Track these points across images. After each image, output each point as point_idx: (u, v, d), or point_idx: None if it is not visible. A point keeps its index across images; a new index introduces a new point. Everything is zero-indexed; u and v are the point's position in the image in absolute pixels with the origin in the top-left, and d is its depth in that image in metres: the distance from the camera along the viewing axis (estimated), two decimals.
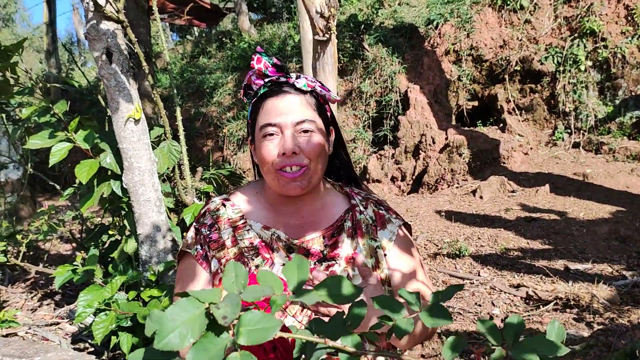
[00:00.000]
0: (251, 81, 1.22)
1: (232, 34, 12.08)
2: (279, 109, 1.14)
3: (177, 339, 0.40)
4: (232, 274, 0.48)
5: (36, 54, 24.91)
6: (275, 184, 1.17)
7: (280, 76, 1.18)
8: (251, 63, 1.18)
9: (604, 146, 6.29)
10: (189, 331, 0.40)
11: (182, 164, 2.79)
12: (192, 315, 0.42)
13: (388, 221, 1.26)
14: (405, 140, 6.95)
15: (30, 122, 2.78)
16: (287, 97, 1.15)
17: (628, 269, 3.28)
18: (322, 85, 1.22)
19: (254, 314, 0.43)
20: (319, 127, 1.17)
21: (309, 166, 1.14)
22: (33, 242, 3.66)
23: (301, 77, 1.18)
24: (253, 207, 1.26)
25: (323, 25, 3.51)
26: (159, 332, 0.40)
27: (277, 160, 1.13)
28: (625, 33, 6.62)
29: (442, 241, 4.10)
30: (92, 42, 2.01)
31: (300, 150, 1.13)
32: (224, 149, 8.61)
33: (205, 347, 0.41)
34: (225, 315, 0.41)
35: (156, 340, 0.40)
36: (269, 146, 1.14)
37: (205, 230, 1.23)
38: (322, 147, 1.17)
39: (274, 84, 1.18)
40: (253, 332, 0.42)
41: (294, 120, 1.14)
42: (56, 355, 2.05)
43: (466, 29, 7.39)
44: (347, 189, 1.33)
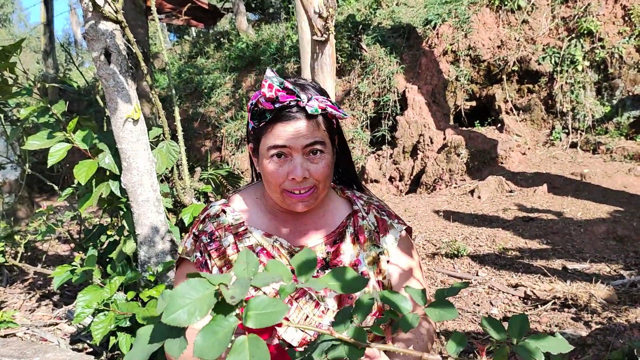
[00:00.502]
0: (260, 102, 1.14)
1: (229, 34, 12.08)
2: (289, 133, 1.11)
3: (185, 315, 0.41)
4: (244, 262, 0.49)
5: (33, 54, 24.86)
6: (281, 201, 1.16)
7: (291, 100, 1.11)
8: (262, 91, 1.11)
9: (602, 146, 6.31)
10: (197, 309, 0.41)
11: (181, 164, 2.79)
12: (202, 294, 0.42)
13: (390, 227, 1.26)
14: (403, 140, 6.95)
15: (28, 122, 2.77)
16: (297, 123, 1.11)
17: (626, 269, 3.29)
18: (332, 103, 1.17)
19: (262, 299, 0.43)
20: (328, 146, 1.16)
21: (318, 186, 1.14)
22: (31, 243, 3.66)
23: (312, 99, 1.13)
24: (253, 213, 1.25)
25: (321, 25, 3.52)
26: (168, 307, 0.41)
27: (286, 184, 1.12)
28: (623, 33, 6.63)
29: (440, 241, 4.11)
30: (90, 43, 2.01)
31: (310, 175, 1.12)
32: (222, 149, 8.61)
33: (214, 330, 0.42)
34: (234, 295, 0.41)
35: (164, 315, 0.40)
36: (277, 169, 1.12)
37: (206, 238, 1.22)
38: (329, 168, 1.16)
39: (284, 108, 1.12)
40: (261, 315, 0.43)
41: (303, 143, 1.11)
42: (55, 356, 2.05)
43: (464, 29, 7.40)
44: (348, 193, 1.32)
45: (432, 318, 0.52)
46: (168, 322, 0.41)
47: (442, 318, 0.52)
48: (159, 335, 0.44)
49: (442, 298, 0.54)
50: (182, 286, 0.43)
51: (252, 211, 1.25)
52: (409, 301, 0.55)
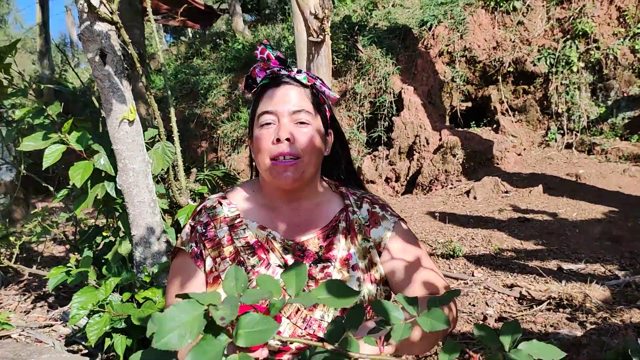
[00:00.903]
0: (255, 74, 1.25)
1: (226, 35, 12.07)
2: (277, 97, 1.17)
3: (176, 339, 0.41)
4: (233, 278, 0.49)
5: (29, 55, 24.80)
6: (269, 175, 1.17)
7: (282, 68, 1.21)
8: (255, 52, 1.22)
9: (597, 147, 6.33)
10: (188, 332, 0.41)
11: (177, 165, 2.79)
12: (191, 316, 0.42)
13: (382, 218, 1.26)
14: (400, 141, 6.96)
15: (23, 123, 2.77)
16: (286, 87, 1.18)
17: (620, 269, 3.30)
18: (323, 82, 1.24)
19: (252, 316, 0.43)
20: (315, 123, 1.19)
21: (303, 158, 1.15)
22: (26, 244, 3.65)
23: (302, 72, 1.21)
24: (250, 206, 1.26)
25: (317, 26, 3.53)
26: (158, 331, 0.41)
27: (272, 148, 1.14)
28: (617, 34, 6.66)
29: (436, 241, 4.12)
30: (86, 44, 2.01)
31: (294, 140, 1.14)
32: (218, 150, 8.60)
33: (205, 350, 0.41)
34: (224, 316, 0.41)
35: (155, 340, 0.40)
36: (264, 134, 1.16)
37: (201, 228, 1.22)
38: (316, 142, 1.17)
39: (275, 74, 1.21)
40: (252, 334, 0.43)
41: (290, 109, 1.16)
42: (50, 357, 2.04)
43: (459, 30, 7.42)
44: (342, 188, 1.32)
45: (424, 328, 0.53)
46: (159, 347, 0.41)
47: (435, 328, 0.52)
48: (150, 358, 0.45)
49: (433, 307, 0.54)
50: (171, 309, 0.43)
51: (248, 204, 1.27)
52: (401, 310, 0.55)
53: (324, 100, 1.25)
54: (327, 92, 1.24)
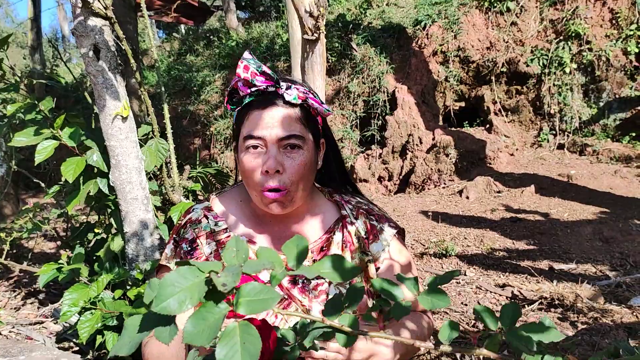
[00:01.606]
0: (237, 86, 1.10)
1: (219, 32, 12.03)
2: (264, 121, 1.06)
3: (175, 303, 0.40)
4: (234, 249, 0.49)
5: (20, 50, 24.59)
6: (259, 201, 1.11)
7: (269, 85, 1.07)
8: (237, 71, 1.07)
9: (588, 148, 6.38)
10: (188, 297, 0.41)
11: (170, 162, 2.78)
12: (192, 282, 0.42)
13: (380, 231, 1.21)
14: (393, 140, 6.97)
15: (15, 119, 2.74)
16: (274, 110, 1.06)
17: (611, 269, 3.32)
18: (315, 96, 1.12)
19: (253, 286, 0.43)
20: (307, 143, 1.09)
21: (290, 188, 1.07)
22: (17, 241, 3.61)
23: (292, 88, 1.08)
24: (237, 218, 1.20)
25: (312, 24, 3.51)
26: (158, 295, 0.40)
27: (261, 180, 1.06)
28: (610, 36, 6.71)
29: (428, 241, 4.13)
30: (79, 39, 1.99)
31: (283, 170, 1.06)
32: (211, 148, 8.58)
33: (204, 317, 0.41)
34: (225, 283, 0.41)
35: (154, 304, 0.40)
36: (252, 161, 1.07)
37: (186, 246, 1.17)
38: (307, 167, 1.09)
39: (261, 93, 1.08)
40: (252, 302, 0.43)
41: (279, 135, 1.05)
42: (40, 355, 2.03)
43: (453, 30, 7.43)
44: (336, 196, 1.27)
45: (424, 306, 0.53)
46: (158, 311, 0.40)
47: (435, 306, 0.52)
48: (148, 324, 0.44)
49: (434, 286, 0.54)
50: (172, 274, 0.43)
51: (235, 216, 1.20)
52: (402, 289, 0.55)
53: (315, 111, 1.13)
54: (320, 108, 1.12)
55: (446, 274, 0.59)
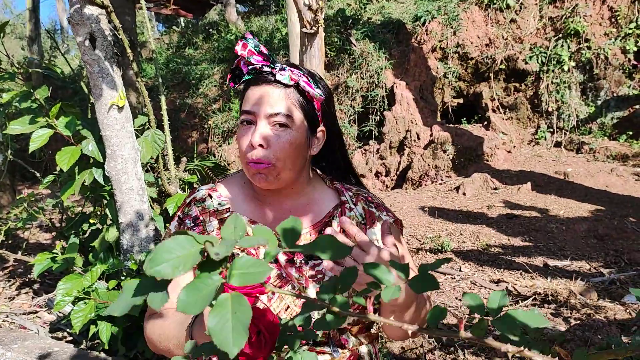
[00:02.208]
0: (240, 65, 1.17)
1: (219, 25, 11.99)
2: (256, 97, 1.11)
3: (169, 268, 0.42)
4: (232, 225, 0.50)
5: (18, 41, 24.48)
6: (246, 172, 1.15)
7: (265, 65, 1.13)
8: (235, 48, 1.13)
9: (585, 146, 6.39)
10: (182, 264, 0.42)
11: (166, 154, 2.77)
12: (187, 251, 0.43)
13: (378, 219, 1.24)
14: (390, 135, 6.97)
15: (11, 107, 2.73)
16: (266, 87, 1.11)
17: (605, 267, 3.33)
18: (309, 81, 1.15)
19: (247, 259, 0.44)
20: (296, 124, 1.12)
21: (276, 164, 1.11)
22: (12, 230, 3.61)
23: (286, 69, 1.13)
24: (239, 199, 1.24)
25: (311, 18, 3.51)
26: (153, 259, 0.42)
27: (246, 151, 1.11)
28: (609, 34, 6.71)
29: (424, 236, 4.13)
30: (75, 27, 1.98)
31: (268, 145, 1.10)
32: (209, 141, 8.56)
33: (198, 287, 0.43)
34: (218, 252, 0.42)
35: (149, 266, 0.41)
36: (242, 135, 1.13)
37: (190, 222, 1.20)
38: (292, 146, 1.12)
39: (256, 71, 1.14)
40: (245, 274, 0.44)
41: (267, 111, 1.10)
42: (34, 344, 2.03)
43: (453, 26, 7.43)
44: (337, 184, 1.30)
45: (414, 290, 0.53)
46: (152, 274, 0.42)
47: (424, 290, 0.52)
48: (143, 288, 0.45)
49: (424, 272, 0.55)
50: (168, 242, 0.44)
51: (238, 197, 1.24)
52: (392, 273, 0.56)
53: (312, 97, 1.16)
54: (312, 92, 1.15)
55: (437, 261, 0.60)
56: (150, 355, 2.26)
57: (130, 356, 2.27)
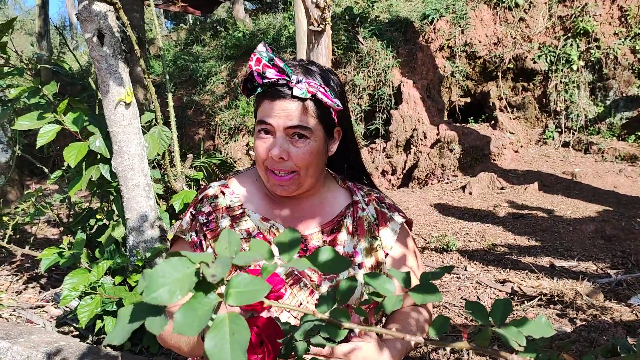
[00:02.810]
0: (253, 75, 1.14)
1: (226, 22, 12.00)
2: (273, 111, 1.11)
3: (166, 294, 0.41)
4: (226, 241, 0.49)
5: (27, 37, 24.61)
6: (266, 181, 1.16)
7: (280, 78, 1.10)
8: (249, 63, 1.12)
9: (593, 146, 6.34)
10: (178, 288, 0.41)
11: (173, 150, 2.78)
12: (182, 273, 0.43)
13: (390, 219, 1.25)
14: (397, 134, 6.96)
15: (19, 103, 2.75)
16: (283, 102, 1.10)
17: (612, 268, 3.31)
18: (326, 91, 1.13)
19: (243, 277, 0.44)
20: (315, 134, 1.13)
21: (299, 172, 1.12)
22: (20, 225, 3.64)
23: (302, 82, 1.10)
24: (251, 196, 1.24)
25: (318, 15, 3.50)
26: (149, 286, 0.41)
27: (268, 161, 1.12)
28: (618, 34, 6.66)
29: (430, 235, 4.12)
30: (84, 23, 1.99)
31: (289, 157, 1.10)
32: (215, 138, 8.58)
33: (194, 307, 0.42)
34: (215, 274, 0.41)
35: (145, 294, 0.40)
36: (262, 145, 1.12)
37: (203, 218, 1.20)
38: (313, 155, 1.13)
39: (271, 85, 1.11)
40: (242, 293, 0.43)
41: (285, 125, 1.10)
42: (40, 337, 2.04)
43: (461, 25, 7.40)
44: (349, 183, 1.31)
45: (415, 301, 0.53)
46: (149, 302, 0.41)
47: (426, 301, 0.52)
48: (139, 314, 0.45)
49: (426, 281, 0.54)
50: (162, 265, 0.43)
51: (250, 194, 1.24)
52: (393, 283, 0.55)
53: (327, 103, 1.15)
54: (330, 103, 1.13)
55: (439, 269, 0.59)
56: (156, 351, 2.27)
57: (136, 351, 2.29)
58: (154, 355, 2.28)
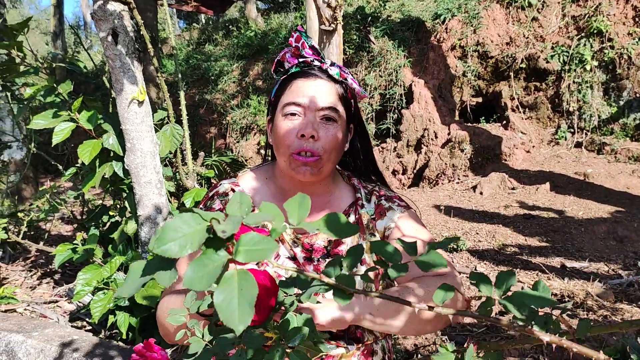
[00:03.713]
0: (285, 58, 1.20)
1: (239, 22, 12.05)
2: (306, 89, 1.13)
3: (177, 247, 0.42)
4: (237, 202, 0.50)
5: (43, 36, 24.88)
6: (287, 166, 1.15)
7: (315, 59, 1.16)
8: (289, 40, 1.17)
9: (606, 147, 6.29)
10: (189, 242, 0.42)
11: (184, 148, 2.81)
12: (194, 229, 0.44)
13: (389, 209, 1.24)
14: (408, 134, 6.95)
15: (35, 102, 2.80)
16: (317, 81, 1.14)
17: (624, 269, 3.29)
18: (354, 78, 1.20)
19: (253, 235, 0.45)
20: (341, 119, 1.16)
21: (322, 156, 1.13)
22: (34, 222, 3.69)
23: (335, 66, 1.16)
24: (262, 194, 1.25)
25: (329, 15, 3.52)
26: (160, 238, 0.42)
27: (295, 143, 1.12)
28: (632, 34, 6.59)
29: (440, 235, 4.12)
30: (98, 23, 2.02)
31: (318, 137, 1.11)
32: (227, 137, 8.63)
33: (204, 264, 0.43)
34: (225, 230, 0.43)
35: (156, 245, 0.42)
36: (289, 125, 1.12)
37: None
38: (339, 140, 1.15)
39: (307, 65, 1.16)
40: (251, 251, 0.44)
41: (319, 104, 1.12)
42: (54, 332, 2.08)
43: (473, 24, 7.37)
44: (354, 180, 1.31)
45: (420, 268, 0.54)
46: (159, 253, 0.42)
47: (431, 266, 0.53)
48: (150, 268, 0.46)
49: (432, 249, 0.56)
50: (175, 220, 0.44)
51: (260, 192, 1.25)
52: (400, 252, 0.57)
53: (352, 94, 1.21)
54: (357, 89, 1.19)
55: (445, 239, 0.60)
56: (167, 346, 2.30)
57: None
58: (164, 350, 2.31)
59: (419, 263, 0.54)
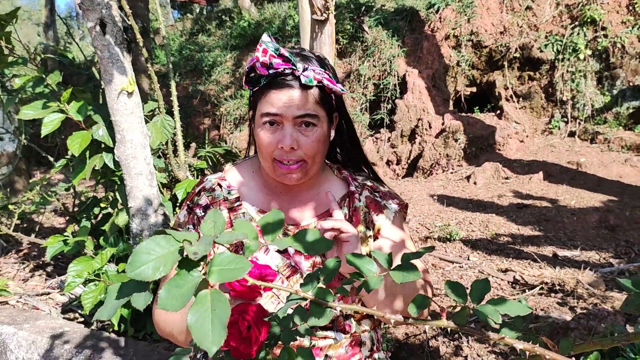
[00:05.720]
0: (256, 67, 1.14)
1: (232, 12, 11.97)
2: (281, 101, 1.10)
3: (150, 270, 0.42)
4: (211, 221, 0.50)
5: (34, 27, 24.66)
6: (272, 172, 1.16)
7: (286, 68, 1.10)
8: (255, 55, 1.10)
9: (600, 136, 6.31)
10: (162, 265, 0.42)
11: (176, 139, 2.80)
12: (166, 251, 0.43)
13: (384, 207, 1.25)
14: (402, 124, 6.94)
15: (25, 93, 2.77)
16: (290, 91, 1.10)
17: (615, 257, 3.31)
18: (331, 77, 1.15)
19: (225, 255, 0.44)
20: (322, 119, 1.14)
21: (307, 161, 1.13)
22: (26, 214, 3.68)
23: (308, 70, 1.11)
24: (249, 188, 1.25)
25: (321, 4, 3.50)
26: (133, 262, 0.42)
27: (276, 152, 1.12)
28: (626, 23, 6.59)
29: (433, 225, 4.13)
30: (86, 13, 2.01)
31: (298, 147, 1.11)
32: (220, 128, 8.60)
33: (178, 284, 0.43)
34: (196, 252, 0.42)
35: (129, 270, 0.42)
36: (268, 136, 1.11)
37: (200, 211, 1.21)
38: (320, 143, 1.14)
39: (278, 75, 1.10)
40: (224, 271, 0.44)
41: (294, 114, 1.10)
42: (45, 323, 2.08)
43: (467, 13, 7.35)
44: (345, 173, 1.31)
45: (395, 280, 0.54)
46: (133, 277, 0.42)
47: (405, 279, 0.54)
48: (126, 290, 0.46)
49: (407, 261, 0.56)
50: (147, 242, 0.44)
51: (247, 186, 1.25)
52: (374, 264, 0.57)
53: (330, 89, 1.16)
54: (335, 88, 1.14)
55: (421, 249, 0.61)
56: (159, 337, 2.30)
57: (139, 337, 2.32)
58: (157, 341, 2.31)
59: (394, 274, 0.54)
